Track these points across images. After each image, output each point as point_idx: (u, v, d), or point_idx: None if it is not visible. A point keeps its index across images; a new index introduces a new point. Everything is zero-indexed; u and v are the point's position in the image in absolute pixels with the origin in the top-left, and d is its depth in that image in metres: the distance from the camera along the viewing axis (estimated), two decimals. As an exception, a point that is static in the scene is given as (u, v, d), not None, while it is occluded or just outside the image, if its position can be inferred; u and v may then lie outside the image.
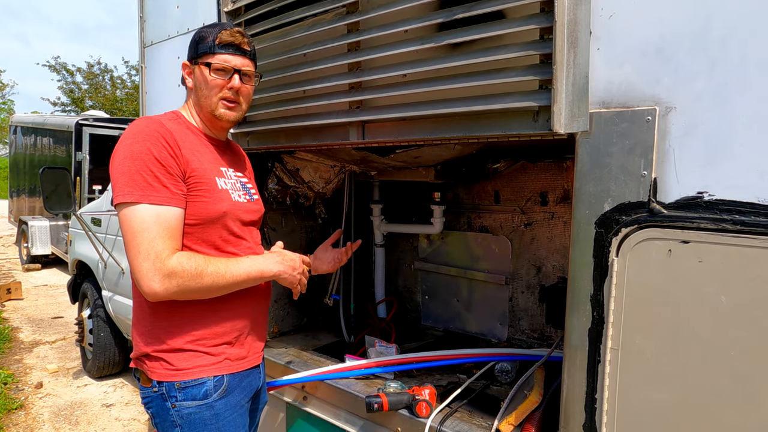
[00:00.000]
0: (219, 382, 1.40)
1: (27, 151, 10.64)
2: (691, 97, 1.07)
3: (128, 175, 1.26)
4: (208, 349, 1.40)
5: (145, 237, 1.25)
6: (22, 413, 3.87)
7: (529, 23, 1.22)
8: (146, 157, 1.28)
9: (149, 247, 1.25)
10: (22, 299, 7.31)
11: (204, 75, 1.44)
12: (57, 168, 3.75)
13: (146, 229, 1.25)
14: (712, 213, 1.05)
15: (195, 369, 1.37)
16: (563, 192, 2.25)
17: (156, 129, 1.33)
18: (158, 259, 1.24)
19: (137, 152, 1.28)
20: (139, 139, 1.30)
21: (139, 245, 1.25)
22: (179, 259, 1.27)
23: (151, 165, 1.28)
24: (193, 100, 1.50)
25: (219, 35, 1.43)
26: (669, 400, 1.12)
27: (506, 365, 1.96)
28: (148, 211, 1.26)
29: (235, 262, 1.38)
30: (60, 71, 20.76)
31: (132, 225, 1.26)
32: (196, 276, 1.29)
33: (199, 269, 1.29)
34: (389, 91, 1.52)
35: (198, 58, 1.45)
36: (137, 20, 2.75)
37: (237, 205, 1.46)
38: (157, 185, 1.28)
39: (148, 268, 1.24)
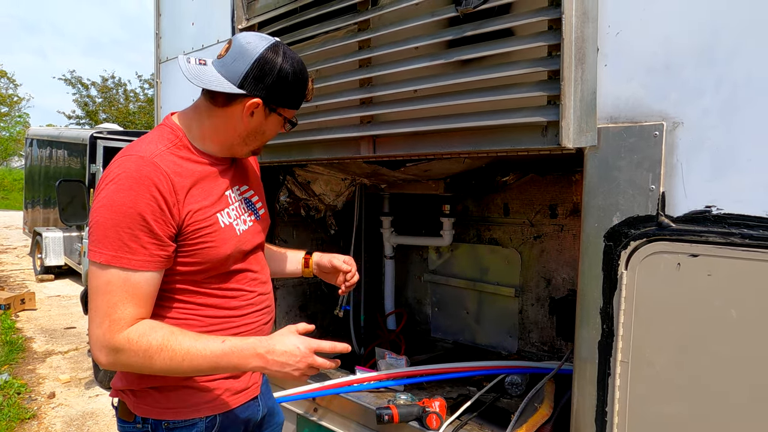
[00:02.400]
0: (211, 423, 1.29)
1: (42, 164, 10.80)
2: (698, 113, 1.08)
3: (103, 229, 1.11)
4: (204, 384, 1.28)
5: (105, 301, 1.12)
6: (35, 423, 3.91)
7: (538, 41, 1.24)
8: (128, 212, 1.11)
9: (105, 313, 1.11)
10: (36, 309, 7.39)
11: (278, 125, 1.32)
12: (73, 180, 3.83)
13: (110, 292, 1.12)
14: (721, 227, 1.06)
15: (187, 408, 1.26)
16: (572, 205, 2.25)
17: (148, 175, 1.14)
18: (110, 330, 1.11)
19: (119, 204, 1.11)
20: (125, 186, 1.12)
21: (97, 309, 1.12)
22: (130, 335, 1.11)
23: (131, 222, 1.11)
24: (227, 131, 1.29)
25: (308, 92, 1.33)
26: (679, 413, 1.12)
27: (516, 378, 1.96)
28: (116, 275, 1.12)
29: (205, 345, 1.15)
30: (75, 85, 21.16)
31: (97, 285, 1.13)
32: (147, 357, 1.12)
33: (151, 350, 1.11)
34: (400, 106, 1.55)
35: (281, 107, 1.28)
36: (153, 37, 2.82)
37: (242, 239, 1.32)
38: (134, 246, 1.12)
39: (98, 336, 1.11)
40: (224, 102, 1.25)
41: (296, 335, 1.24)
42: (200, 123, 1.29)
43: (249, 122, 1.27)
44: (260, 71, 1.21)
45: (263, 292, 1.42)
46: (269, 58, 1.22)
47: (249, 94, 1.22)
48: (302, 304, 2.59)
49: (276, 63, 1.22)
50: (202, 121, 1.29)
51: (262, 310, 1.41)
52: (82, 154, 8.59)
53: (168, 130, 1.28)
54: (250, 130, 1.30)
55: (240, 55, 1.22)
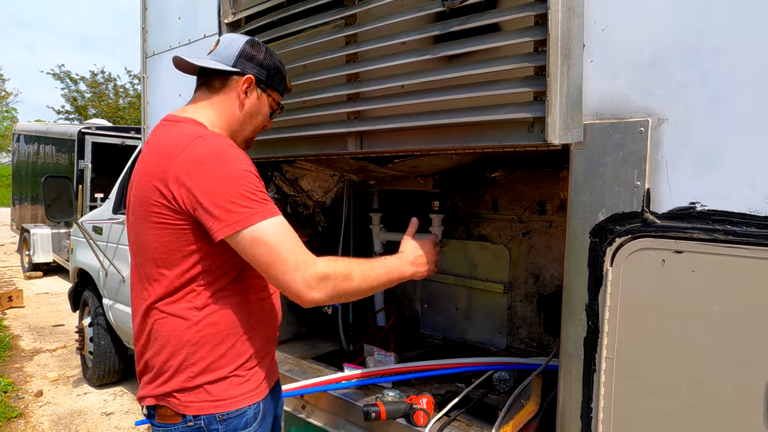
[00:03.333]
0: (257, 409, 1.35)
1: (29, 160, 10.69)
2: (683, 109, 1.08)
3: (238, 196, 1.19)
4: (249, 372, 1.35)
5: (286, 250, 1.21)
6: (22, 422, 3.87)
7: (524, 36, 1.24)
8: (244, 174, 1.22)
9: (295, 258, 1.21)
10: (24, 307, 7.32)
11: (266, 106, 1.47)
12: (59, 177, 3.78)
13: (282, 242, 1.21)
14: (705, 223, 1.06)
15: (237, 398, 1.31)
16: (560, 201, 2.26)
17: (232, 145, 1.29)
18: (310, 266, 1.22)
19: (233, 171, 1.21)
20: (230, 158, 1.23)
21: (285, 260, 1.20)
22: (327, 263, 1.26)
23: (251, 181, 1.23)
24: (229, 116, 1.42)
25: (288, 82, 1.54)
26: (664, 409, 1.13)
27: (504, 374, 1.96)
28: (274, 225, 1.22)
29: (374, 264, 1.39)
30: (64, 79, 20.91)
31: (269, 244, 1.20)
32: (347, 277, 1.28)
33: (347, 270, 1.29)
34: (387, 101, 1.54)
35: (269, 87, 1.47)
36: (140, 31, 2.78)
37: None
38: (266, 197, 1.25)
39: (303, 277, 1.21)
40: (221, 84, 1.40)
41: (415, 242, 1.58)
42: (206, 114, 1.39)
43: (245, 102, 1.42)
44: (250, 51, 1.41)
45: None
46: (253, 44, 1.44)
47: (242, 72, 1.39)
48: (290, 301, 2.57)
49: (259, 49, 1.44)
50: (206, 112, 1.39)
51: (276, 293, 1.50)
52: (70, 150, 8.51)
53: (194, 123, 1.35)
54: (246, 112, 1.43)
55: (230, 43, 1.42)
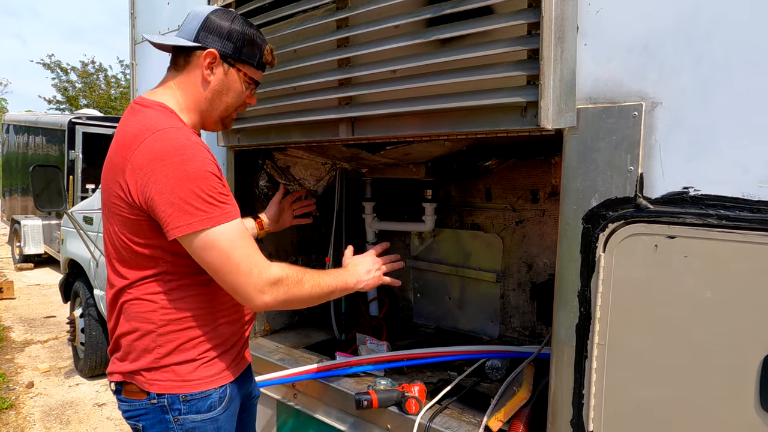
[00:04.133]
0: (223, 393, 1.36)
1: (20, 150, 10.57)
2: (677, 93, 1.07)
3: (194, 197, 1.16)
4: (216, 356, 1.35)
5: (239, 254, 1.20)
6: (13, 413, 3.85)
7: (517, 18, 1.22)
8: (204, 175, 1.18)
9: (248, 262, 1.21)
10: (15, 299, 7.27)
11: (239, 83, 1.38)
12: (48, 166, 3.74)
13: (237, 246, 1.20)
14: (698, 208, 1.05)
15: (203, 380, 1.32)
16: (553, 188, 2.25)
17: (196, 141, 1.24)
18: (262, 271, 1.22)
19: (193, 171, 1.17)
20: (189, 156, 1.18)
21: (238, 264, 1.20)
22: (280, 267, 1.27)
23: (211, 183, 1.19)
24: (195, 95, 1.36)
25: (266, 53, 1.41)
26: (656, 396, 1.13)
27: (497, 362, 1.96)
28: (230, 229, 1.20)
29: (323, 275, 1.38)
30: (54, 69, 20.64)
31: (220, 249, 1.19)
32: (298, 283, 1.29)
33: (299, 276, 1.29)
34: (378, 87, 1.52)
35: (238, 61, 1.36)
36: (128, 17, 2.74)
37: None
38: (224, 199, 1.21)
39: (255, 282, 1.21)
40: (184, 62, 1.34)
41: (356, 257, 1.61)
42: (173, 96, 1.35)
43: (210, 79, 1.34)
44: (212, 25, 1.31)
45: None
46: (220, 14, 1.33)
47: (203, 46, 1.31)
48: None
49: (227, 18, 1.33)
50: (174, 93, 1.35)
51: None
52: (61, 141, 8.42)
53: (165, 111, 1.31)
54: (213, 89, 1.36)
55: (193, 17, 1.34)
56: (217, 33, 1.31)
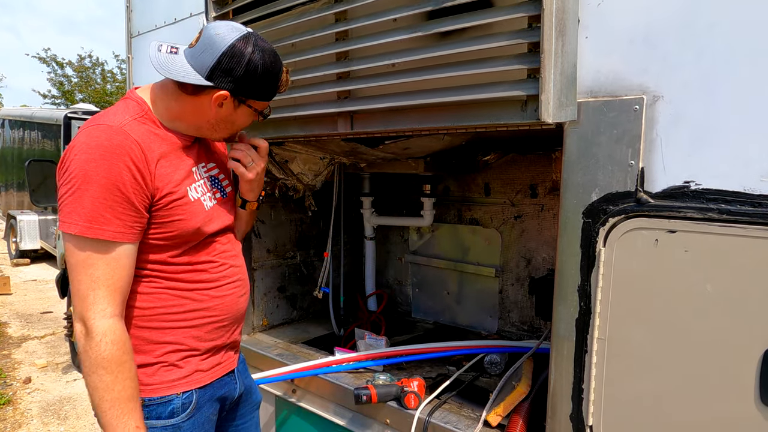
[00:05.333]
0: (188, 399, 1.28)
1: (15, 145, 10.51)
2: (678, 86, 1.06)
3: (78, 200, 1.10)
4: (178, 361, 1.28)
5: (88, 276, 1.12)
6: (10, 408, 3.84)
7: (518, 11, 1.21)
8: (103, 183, 1.09)
9: (89, 289, 1.12)
10: (11, 294, 7.24)
11: (245, 114, 1.31)
12: (44, 160, 3.72)
13: (91, 265, 1.12)
14: (699, 202, 1.05)
15: (162, 385, 1.25)
16: (552, 184, 2.24)
17: (120, 144, 1.12)
18: (95, 310, 1.12)
19: (92, 174, 1.09)
20: (97, 156, 1.10)
21: (80, 283, 1.12)
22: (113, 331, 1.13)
23: (107, 193, 1.10)
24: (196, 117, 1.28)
25: (281, 84, 1.30)
26: (655, 390, 1.12)
27: (495, 357, 1.96)
28: (95, 248, 1.12)
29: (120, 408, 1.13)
30: (50, 63, 20.49)
31: (76, 260, 1.12)
32: (96, 360, 1.11)
33: (104, 363, 1.11)
34: (377, 80, 1.50)
35: (249, 99, 1.28)
36: (124, 10, 2.71)
37: (209, 214, 1.32)
38: (110, 216, 1.11)
39: (81, 310, 1.12)
40: (192, 91, 1.24)
41: None
42: (167, 103, 1.27)
43: (218, 112, 1.27)
44: (228, 63, 1.19)
45: (235, 265, 1.42)
46: (238, 49, 1.19)
47: (216, 87, 1.21)
48: (281, 286, 2.56)
49: (245, 55, 1.20)
50: (170, 102, 1.27)
51: (234, 282, 1.40)
52: (56, 135, 8.37)
53: (133, 103, 1.25)
54: (219, 119, 1.29)
55: (208, 46, 1.20)
56: (232, 73, 1.20)
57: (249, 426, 1.56)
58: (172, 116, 1.28)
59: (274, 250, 2.50)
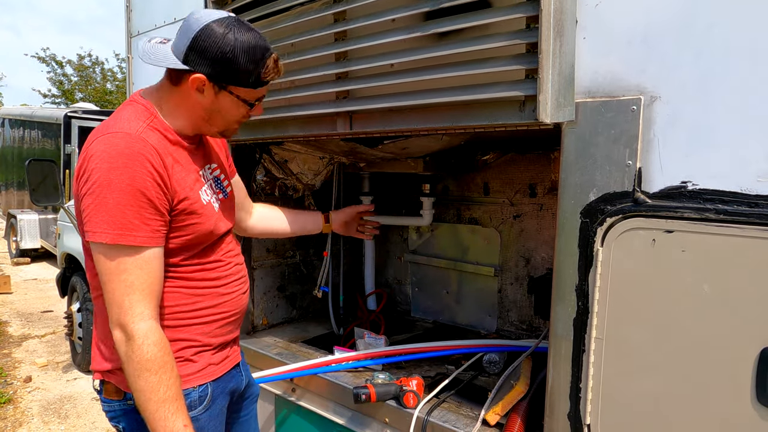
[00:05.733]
0: (204, 392, 1.31)
1: (15, 144, 10.51)
2: (676, 87, 1.07)
3: (106, 209, 1.11)
4: (192, 356, 1.31)
5: (122, 282, 1.13)
6: (11, 407, 3.85)
7: (516, 12, 1.21)
8: (128, 189, 1.11)
9: (124, 295, 1.13)
10: (11, 293, 7.25)
11: (232, 105, 1.27)
12: (43, 160, 3.72)
13: (125, 271, 1.13)
14: (696, 202, 1.05)
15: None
16: (551, 184, 2.25)
17: (140, 151, 1.14)
18: (134, 314, 1.13)
19: (117, 182, 1.10)
20: (120, 164, 1.11)
21: (114, 291, 1.14)
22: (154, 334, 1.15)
23: (133, 199, 1.12)
24: (188, 109, 1.27)
25: (266, 71, 1.24)
26: (653, 389, 1.13)
27: (494, 356, 1.96)
28: (127, 254, 1.13)
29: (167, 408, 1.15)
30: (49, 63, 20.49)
31: (108, 268, 1.13)
32: (140, 363, 1.13)
33: (149, 364, 1.13)
34: (376, 80, 1.51)
35: (230, 85, 1.23)
36: (124, 10, 2.71)
37: (219, 216, 1.36)
38: (138, 223, 1.13)
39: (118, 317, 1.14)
40: (176, 79, 1.24)
41: None
42: (166, 101, 1.28)
43: (201, 100, 1.24)
44: (202, 44, 1.17)
45: (238, 263, 1.48)
46: (212, 30, 1.16)
47: (192, 69, 1.19)
48: (280, 285, 2.56)
49: (218, 35, 1.16)
50: (167, 100, 1.28)
51: (239, 280, 1.46)
52: (56, 134, 8.37)
53: (142, 108, 1.26)
54: (206, 109, 1.27)
55: (185, 29, 1.19)
56: (205, 54, 1.17)
57: (249, 418, 1.60)
58: (173, 113, 1.27)
59: (273, 250, 2.51)
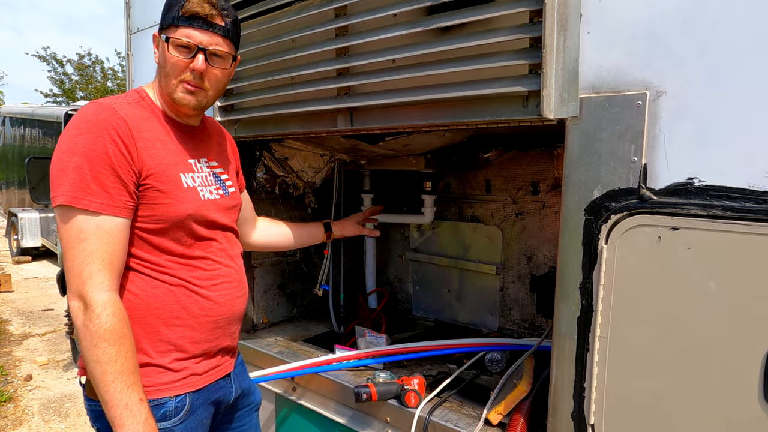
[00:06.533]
0: (181, 402, 1.26)
1: (16, 143, 10.51)
2: (682, 81, 1.05)
3: (66, 172, 1.11)
4: (172, 363, 1.26)
5: (81, 250, 1.11)
6: (11, 406, 3.85)
7: (519, 6, 1.19)
8: (90, 155, 1.11)
9: (84, 264, 1.11)
10: (12, 291, 7.25)
11: (164, 51, 1.24)
12: (44, 158, 3.71)
13: (84, 240, 1.11)
14: (702, 199, 1.04)
15: (155, 387, 1.23)
16: (554, 181, 2.23)
17: (106, 119, 1.14)
18: (90, 284, 1.11)
19: (80, 147, 1.11)
20: (84, 130, 1.13)
21: (75, 258, 1.11)
22: (112, 304, 1.12)
23: (95, 164, 1.11)
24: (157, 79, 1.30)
25: (185, 4, 1.20)
26: (657, 389, 1.11)
27: (496, 355, 1.95)
28: (87, 221, 1.11)
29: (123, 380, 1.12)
30: (50, 62, 20.49)
31: (69, 232, 1.11)
32: (96, 333, 1.10)
33: (106, 336, 1.10)
34: (378, 76, 1.49)
35: (163, 30, 1.24)
36: (123, 6, 2.69)
37: (206, 205, 1.31)
38: (98, 189, 1.11)
39: (77, 285, 1.11)
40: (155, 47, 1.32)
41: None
42: (153, 84, 1.33)
43: (158, 57, 1.29)
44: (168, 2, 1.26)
45: (231, 266, 1.40)
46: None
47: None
48: (281, 283, 2.55)
49: None
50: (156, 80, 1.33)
51: (231, 283, 1.38)
52: (57, 133, 8.37)
53: (133, 92, 1.31)
54: (159, 65, 1.29)
55: None
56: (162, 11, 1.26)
57: (247, 429, 1.53)
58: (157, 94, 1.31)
59: (274, 248, 2.49)
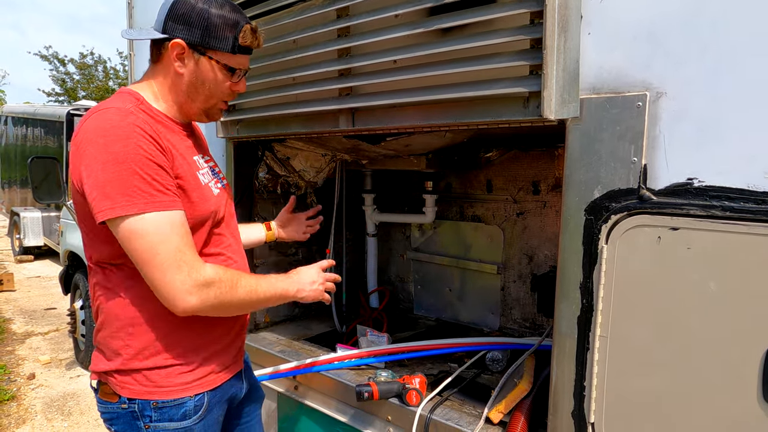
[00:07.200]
0: (200, 401, 1.28)
1: (18, 142, 10.53)
2: (682, 82, 1.06)
3: (117, 182, 1.08)
4: (192, 363, 1.28)
5: (168, 247, 1.10)
6: (14, 404, 3.86)
7: (520, 7, 1.20)
8: (134, 157, 1.09)
9: (177, 257, 1.11)
10: (15, 291, 7.27)
11: (214, 72, 1.26)
12: (46, 157, 3.72)
13: (165, 239, 1.10)
14: (702, 199, 1.04)
15: (175, 387, 1.24)
16: (555, 181, 2.24)
17: (134, 122, 1.13)
18: (193, 269, 1.12)
19: (120, 154, 1.08)
20: (116, 136, 1.10)
21: (165, 258, 1.10)
22: (214, 269, 1.18)
23: (143, 166, 1.10)
24: (171, 86, 1.27)
25: (243, 35, 1.24)
26: (657, 388, 1.12)
27: (497, 354, 1.95)
28: (159, 220, 1.10)
29: (261, 280, 1.29)
30: (51, 61, 20.52)
31: (146, 238, 1.09)
32: (232, 287, 1.19)
33: (234, 280, 1.20)
34: (379, 77, 1.50)
35: (208, 49, 1.23)
36: (126, 6, 2.70)
37: (218, 201, 1.34)
38: (160, 187, 1.12)
39: (183, 280, 1.11)
40: (157, 55, 1.27)
41: (311, 267, 1.46)
42: (151, 87, 1.29)
43: (182, 71, 1.25)
44: (179, 11, 1.20)
45: (240, 261, 1.44)
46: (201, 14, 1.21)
47: (171, 37, 1.21)
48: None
49: (194, 1, 1.21)
50: (150, 85, 1.29)
51: None
52: (59, 132, 8.37)
53: (127, 95, 1.25)
54: (188, 82, 1.27)
55: (164, 4, 1.23)
56: (183, 20, 1.19)
57: (253, 423, 1.57)
58: (158, 97, 1.28)
59: (275, 247, 2.50)
